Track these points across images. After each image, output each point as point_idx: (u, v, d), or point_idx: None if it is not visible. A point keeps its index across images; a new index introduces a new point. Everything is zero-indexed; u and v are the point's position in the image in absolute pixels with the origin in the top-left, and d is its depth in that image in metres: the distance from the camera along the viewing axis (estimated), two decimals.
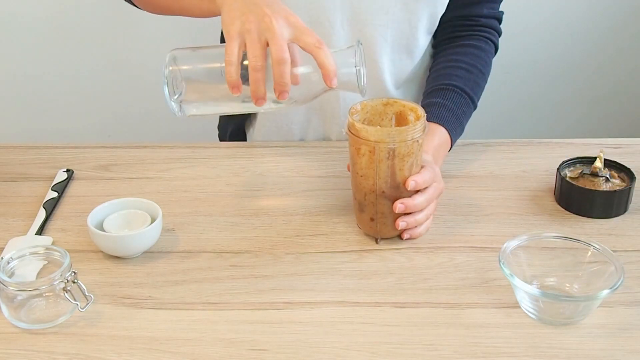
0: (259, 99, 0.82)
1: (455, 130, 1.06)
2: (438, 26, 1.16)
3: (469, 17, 1.16)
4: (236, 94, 0.82)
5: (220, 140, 1.34)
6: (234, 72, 0.81)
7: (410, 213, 0.89)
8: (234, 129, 1.26)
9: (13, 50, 2.02)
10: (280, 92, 0.81)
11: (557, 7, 2.02)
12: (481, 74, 1.13)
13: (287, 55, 0.80)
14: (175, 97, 0.86)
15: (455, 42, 1.17)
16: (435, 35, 1.18)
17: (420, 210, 0.89)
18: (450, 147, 1.06)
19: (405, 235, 0.91)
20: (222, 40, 1.24)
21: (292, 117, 1.19)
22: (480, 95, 1.13)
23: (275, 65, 0.80)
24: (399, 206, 0.87)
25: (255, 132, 1.23)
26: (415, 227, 0.90)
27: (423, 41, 1.15)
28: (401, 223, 0.88)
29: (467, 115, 1.10)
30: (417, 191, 0.89)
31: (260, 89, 0.81)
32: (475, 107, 1.12)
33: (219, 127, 1.35)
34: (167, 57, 0.86)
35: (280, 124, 1.20)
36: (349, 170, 0.91)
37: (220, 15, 0.88)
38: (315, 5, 1.08)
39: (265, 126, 1.21)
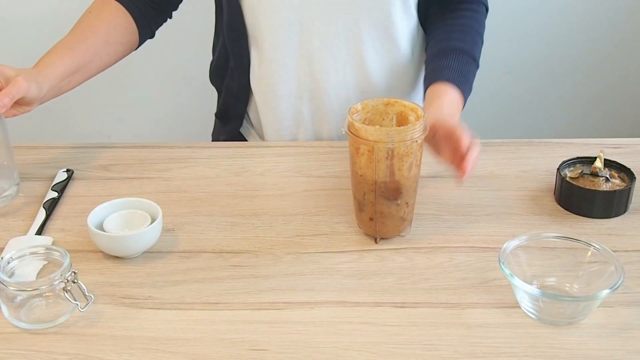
0: None
1: (463, 87, 1.05)
2: (429, 9, 1.17)
3: None
4: None
5: None
6: None
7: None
8: (226, 138, 1.27)
9: (13, 50, 2.01)
10: None
11: (557, 7, 2.02)
12: (477, 33, 1.14)
13: None
14: None
15: (447, 8, 1.17)
16: (426, 19, 1.19)
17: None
18: (463, 106, 1.05)
19: (465, 170, 0.88)
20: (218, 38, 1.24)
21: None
22: (480, 54, 1.13)
23: None
24: (468, 168, 0.87)
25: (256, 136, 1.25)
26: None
27: (402, 25, 1.14)
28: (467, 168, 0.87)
29: (472, 74, 1.10)
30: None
31: None
32: (477, 66, 1.12)
33: (213, 134, 1.35)
34: None
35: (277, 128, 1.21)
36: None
37: None
38: None
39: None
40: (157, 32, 1.23)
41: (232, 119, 1.26)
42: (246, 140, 1.28)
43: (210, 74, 1.28)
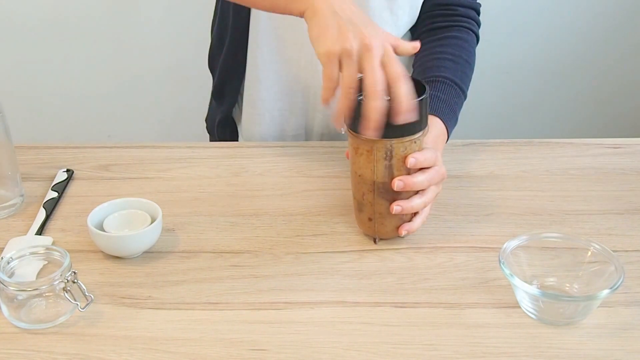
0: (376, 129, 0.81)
1: (450, 120, 1.04)
2: (418, 29, 1.17)
3: (447, 7, 1.16)
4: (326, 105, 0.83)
5: (208, 131, 1.34)
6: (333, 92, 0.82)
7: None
8: (221, 117, 1.26)
9: (13, 51, 2.02)
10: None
11: (557, 7, 2.02)
12: (467, 63, 1.13)
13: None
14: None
15: (436, 34, 1.16)
16: (414, 28, 1.18)
17: (419, 196, 0.88)
18: (447, 139, 1.05)
19: (403, 232, 0.89)
20: (216, 33, 1.23)
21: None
22: (469, 85, 1.12)
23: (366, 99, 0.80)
24: (395, 208, 0.86)
25: (244, 122, 1.24)
26: (411, 218, 0.89)
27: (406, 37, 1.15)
28: (396, 207, 0.86)
29: (459, 106, 1.09)
30: (416, 192, 0.88)
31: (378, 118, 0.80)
32: (465, 97, 1.11)
33: (206, 119, 1.34)
34: None
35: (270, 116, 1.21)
36: (347, 157, 0.90)
37: (288, 14, 0.89)
38: None
39: (254, 115, 1.21)
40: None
41: (227, 95, 1.25)
42: (235, 123, 1.27)
43: (209, 57, 1.28)
